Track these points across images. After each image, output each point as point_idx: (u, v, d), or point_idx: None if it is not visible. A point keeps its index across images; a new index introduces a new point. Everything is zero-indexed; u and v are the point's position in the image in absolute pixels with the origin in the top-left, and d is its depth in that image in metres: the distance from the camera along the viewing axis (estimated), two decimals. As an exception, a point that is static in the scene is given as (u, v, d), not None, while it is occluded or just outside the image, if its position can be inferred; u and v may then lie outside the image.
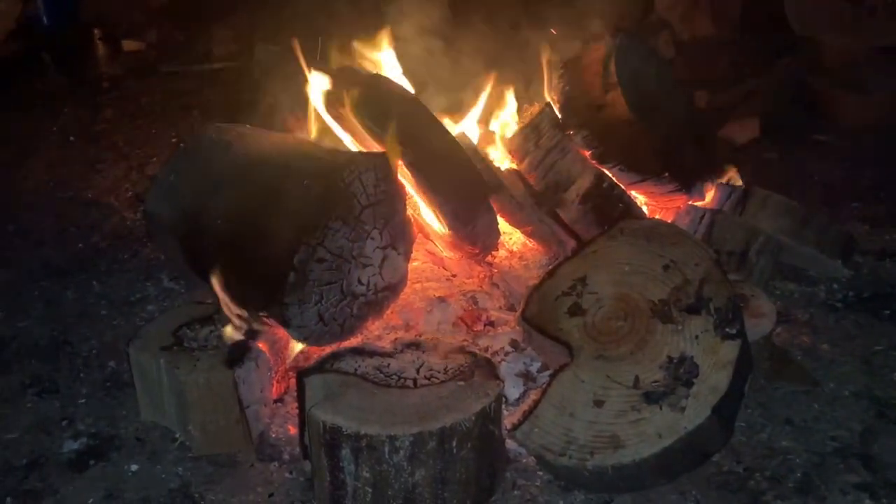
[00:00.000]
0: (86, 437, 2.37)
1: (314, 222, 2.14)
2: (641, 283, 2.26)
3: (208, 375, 2.18)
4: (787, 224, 2.85)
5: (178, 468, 2.23)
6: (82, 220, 3.77)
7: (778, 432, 2.28)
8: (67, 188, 4.12)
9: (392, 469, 1.90)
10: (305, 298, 2.15)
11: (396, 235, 2.37)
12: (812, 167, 4.01)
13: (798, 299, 2.88)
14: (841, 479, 2.12)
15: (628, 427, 2.02)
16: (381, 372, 2.12)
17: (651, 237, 2.35)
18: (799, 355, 2.59)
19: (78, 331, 2.89)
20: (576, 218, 2.82)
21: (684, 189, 2.91)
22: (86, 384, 2.61)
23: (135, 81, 5.78)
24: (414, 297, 2.60)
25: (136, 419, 2.41)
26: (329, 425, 1.90)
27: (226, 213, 2.31)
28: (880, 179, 3.81)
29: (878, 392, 2.42)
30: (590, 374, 2.13)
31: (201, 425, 2.23)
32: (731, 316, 2.13)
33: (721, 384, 2.02)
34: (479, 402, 1.96)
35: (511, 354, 2.45)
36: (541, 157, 2.79)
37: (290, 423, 2.32)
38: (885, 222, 3.38)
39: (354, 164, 2.23)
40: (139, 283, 3.18)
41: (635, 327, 2.19)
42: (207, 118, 4.97)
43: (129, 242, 3.52)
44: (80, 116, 5.12)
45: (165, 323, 2.43)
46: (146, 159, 4.43)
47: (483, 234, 2.63)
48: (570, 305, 2.30)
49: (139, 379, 2.36)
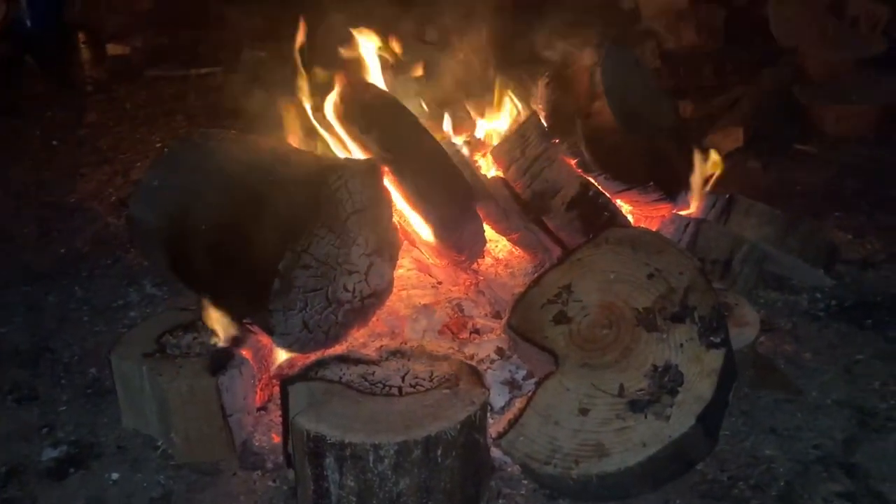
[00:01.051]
0: (66, 445, 2.34)
1: (299, 228, 2.13)
2: (626, 291, 2.27)
3: (191, 383, 2.17)
4: (771, 233, 2.86)
5: (160, 476, 2.21)
6: (65, 224, 3.73)
7: (761, 440, 2.29)
8: (50, 192, 4.09)
9: (377, 478, 1.89)
10: (290, 305, 2.14)
11: (382, 242, 2.37)
12: (795, 177, 4.05)
13: (781, 308, 2.90)
14: (824, 487, 2.13)
15: (613, 435, 2.02)
16: (366, 380, 2.11)
17: (636, 245, 2.36)
18: (782, 364, 2.60)
19: (59, 337, 2.86)
20: (561, 226, 2.83)
21: (669, 198, 2.93)
22: (66, 391, 2.58)
23: (119, 86, 5.76)
24: (399, 304, 2.60)
25: (117, 427, 2.39)
26: (313, 434, 1.89)
27: (210, 219, 2.30)
28: (862, 189, 3.85)
29: (860, 401, 2.43)
30: (575, 383, 2.13)
31: (184, 433, 2.21)
32: (715, 324, 2.14)
33: (706, 393, 2.03)
34: (465, 411, 1.95)
35: (497, 362, 2.45)
36: (527, 165, 2.80)
37: (273, 431, 2.31)
38: (867, 232, 3.41)
39: (341, 171, 2.23)
40: (122, 289, 3.15)
41: (620, 335, 2.20)
42: (193, 123, 4.96)
43: (112, 248, 3.49)
44: (63, 120, 5.09)
45: (148, 329, 2.41)
46: (130, 164, 4.40)
47: (469, 242, 2.63)
48: (556, 313, 2.30)
49: (121, 386, 2.34)
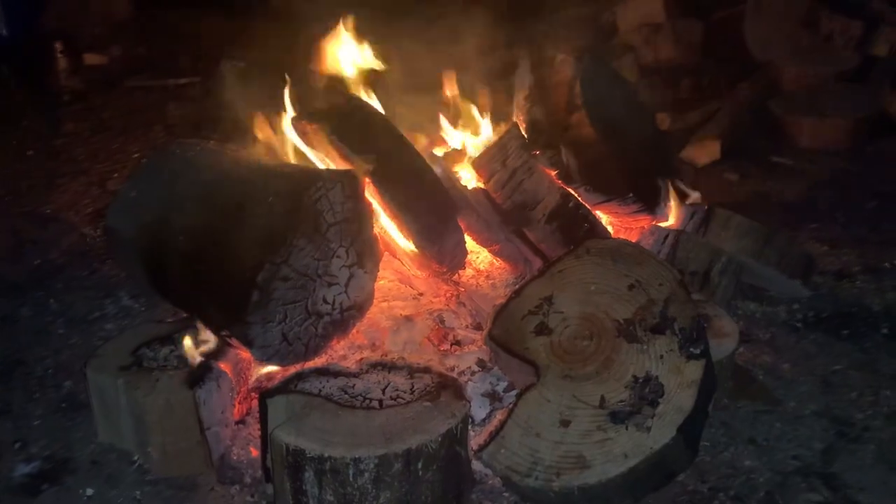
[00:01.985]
0: (39, 461, 2.31)
1: (279, 240, 2.12)
2: (607, 302, 2.28)
3: (168, 396, 2.14)
4: (749, 244, 2.88)
5: (135, 492, 2.18)
6: (40, 235, 3.68)
7: (741, 451, 2.30)
8: (25, 203, 4.04)
9: (357, 492, 1.87)
10: (269, 318, 2.12)
11: (363, 253, 2.36)
12: (771, 189, 4.09)
13: (759, 319, 2.92)
14: (803, 497, 2.14)
15: (594, 447, 2.02)
16: (346, 393, 2.10)
17: (616, 257, 2.37)
18: (761, 375, 2.62)
19: (33, 350, 2.82)
20: (542, 237, 2.83)
21: (648, 209, 2.94)
22: (40, 405, 2.54)
23: (97, 95, 5.69)
24: (380, 316, 2.58)
25: (92, 441, 2.36)
26: (292, 447, 1.87)
27: (189, 230, 2.27)
28: (837, 201, 3.89)
29: (838, 411, 2.45)
30: (556, 394, 2.13)
31: (161, 447, 2.18)
32: (695, 336, 2.15)
33: (686, 404, 2.04)
34: (446, 423, 1.94)
35: (478, 374, 2.45)
36: (507, 176, 2.80)
37: (252, 445, 2.28)
38: (843, 243, 3.44)
39: (321, 181, 2.22)
40: (98, 301, 3.11)
41: (601, 347, 2.20)
42: (171, 134, 4.92)
43: (88, 259, 3.45)
44: (39, 130, 5.02)
45: (125, 342, 2.38)
46: (107, 174, 4.35)
47: (450, 253, 2.62)
48: (537, 325, 2.30)
49: (96, 400, 2.30)
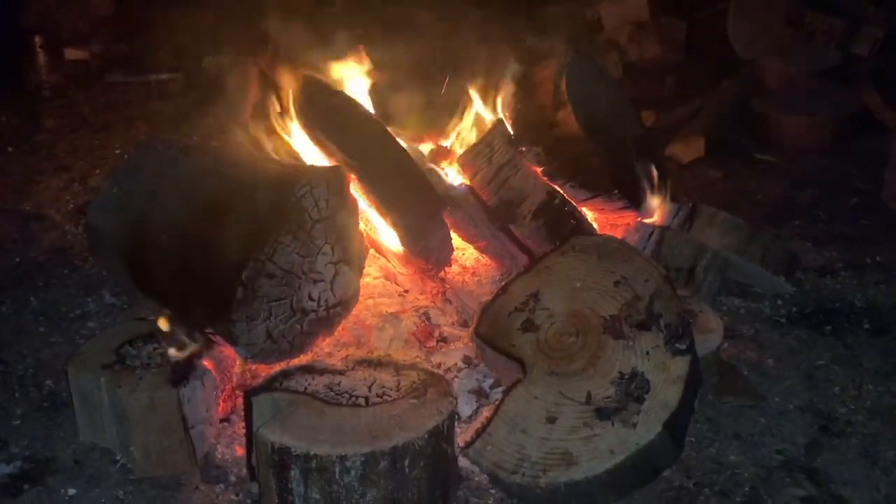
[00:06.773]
0: (20, 461, 2.28)
1: (263, 237, 2.10)
2: (593, 299, 2.28)
3: (151, 394, 2.12)
4: (734, 241, 2.90)
5: (118, 492, 2.16)
6: (20, 233, 3.64)
7: (726, 447, 2.31)
8: (4, 200, 3.99)
9: (343, 490, 1.86)
10: (253, 315, 2.10)
11: (348, 250, 2.35)
12: (754, 186, 4.12)
13: (744, 315, 2.94)
14: (787, 492, 2.15)
15: (581, 443, 2.02)
16: (332, 390, 2.09)
17: (602, 253, 2.37)
18: (745, 370, 2.63)
19: (13, 348, 2.79)
20: (528, 234, 2.84)
21: (634, 206, 2.95)
22: (21, 404, 2.51)
23: (77, 91, 5.63)
24: (366, 313, 2.57)
25: (74, 441, 2.33)
26: (277, 446, 1.85)
27: (171, 227, 2.25)
28: (819, 198, 3.93)
29: (821, 406, 2.47)
30: (542, 391, 2.13)
31: (144, 446, 2.16)
32: (681, 332, 2.16)
33: (672, 400, 2.04)
34: (432, 420, 1.94)
35: (464, 371, 2.44)
36: (493, 173, 2.80)
37: (236, 443, 2.27)
38: (825, 240, 3.48)
39: (306, 178, 2.20)
40: (79, 299, 3.08)
41: (587, 343, 2.20)
42: (153, 130, 4.87)
43: (70, 257, 3.41)
44: (18, 126, 4.96)
45: (107, 340, 2.36)
46: (88, 171, 4.31)
47: (436, 250, 2.62)
48: (523, 321, 2.30)
49: (78, 399, 2.28)
